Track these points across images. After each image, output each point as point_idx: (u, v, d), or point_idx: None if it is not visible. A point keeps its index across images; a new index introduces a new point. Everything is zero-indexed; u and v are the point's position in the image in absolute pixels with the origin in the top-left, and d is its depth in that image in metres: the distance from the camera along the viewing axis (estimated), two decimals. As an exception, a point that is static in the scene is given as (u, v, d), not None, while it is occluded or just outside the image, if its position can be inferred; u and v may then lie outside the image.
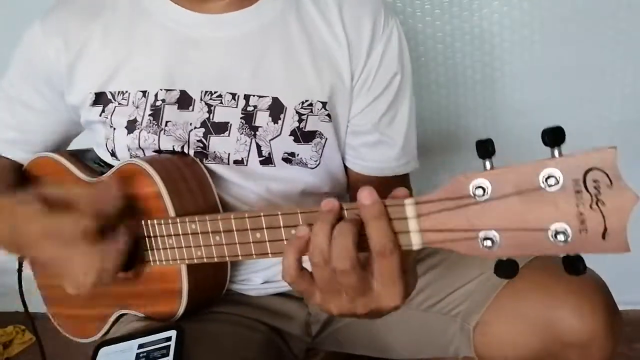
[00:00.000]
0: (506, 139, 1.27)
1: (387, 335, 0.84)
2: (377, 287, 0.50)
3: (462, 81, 1.27)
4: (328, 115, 0.77)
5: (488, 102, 1.29)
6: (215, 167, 0.76)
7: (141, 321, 0.75)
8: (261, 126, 0.76)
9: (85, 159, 0.83)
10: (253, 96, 0.75)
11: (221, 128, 0.76)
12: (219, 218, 0.62)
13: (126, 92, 0.77)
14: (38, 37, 0.80)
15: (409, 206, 0.47)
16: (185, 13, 0.77)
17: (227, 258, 0.63)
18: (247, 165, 0.77)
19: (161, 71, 0.76)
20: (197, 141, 0.76)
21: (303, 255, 0.52)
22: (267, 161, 0.77)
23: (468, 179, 0.44)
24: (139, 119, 0.76)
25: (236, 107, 0.75)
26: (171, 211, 0.68)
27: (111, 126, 0.78)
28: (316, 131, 0.77)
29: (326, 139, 0.78)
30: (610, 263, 0.69)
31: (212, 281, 0.76)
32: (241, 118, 0.75)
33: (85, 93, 0.79)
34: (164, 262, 0.70)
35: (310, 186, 0.80)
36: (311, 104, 0.76)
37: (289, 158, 0.77)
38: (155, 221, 0.69)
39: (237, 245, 0.61)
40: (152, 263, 0.71)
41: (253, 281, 0.83)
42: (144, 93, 0.76)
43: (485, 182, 0.43)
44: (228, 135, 0.76)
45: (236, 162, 0.76)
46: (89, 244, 0.59)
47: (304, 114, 0.76)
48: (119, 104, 0.77)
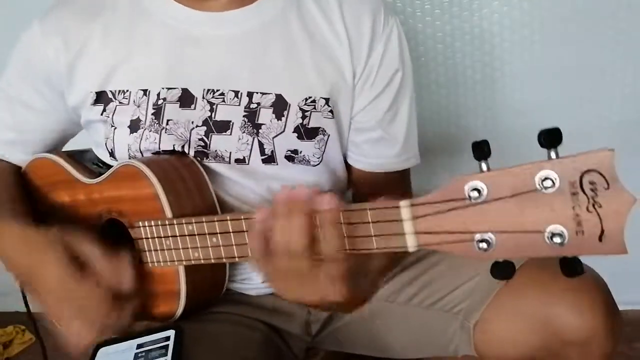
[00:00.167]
0: (506, 139, 1.27)
1: (388, 334, 0.84)
2: (323, 281, 0.53)
3: (462, 81, 1.27)
4: (331, 111, 0.78)
5: (488, 102, 1.28)
6: (215, 166, 0.76)
7: (140, 321, 0.76)
8: (264, 123, 0.75)
9: (83, 160, 0.83)
10: (256, 93, 0.75)
11: (223, 126, 0.75)
12: (216, 219, 0.62)
13: (127, 91, 0.77)
14: (37, 37, 0.79)
15: (404, 208, 0.47)
16: (185, 11, 0.77)
17: (224, 259, 0.63)
18: (249, 164, 0.76)
19: (162, 69, 0.76)
20: (199, 140, 0.76)
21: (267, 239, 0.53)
22: (270, 159, 0.77)
23: (464, 181, 0.44)
24: (142, 118, 0.76)
25: (239, 105, 0.75)
26: (168, 212, 0.68)
27: (112, 125, 0.78)
28: (319, 128, 0.77)
29: (329, 136, 0.78)
30: (608, 263, 0.69)
31: (211, 282, 0.76)
32: (244, 116, 0.75)
33: (85, 92, 0.79)
34: (162, 264, 0.70)
35: (311, 184, 0.80)
36: (314, 101, 0.76)
37: (292, 156, 0.77)
38: (152, 222, 0.69)
39: (234, 246, 0.61)
40: (150, 264, 0.71)
41: (253, 280, 0.83)
42: (145, 92, 0.76)
43: (481, 184, 0.43)
44: (230, 133, 0.76)
45: (237, 161, 0.76)
46: (99, 313, 0.66)
47: (308, 111, 0.76)
48: (120, 103, 0.77)
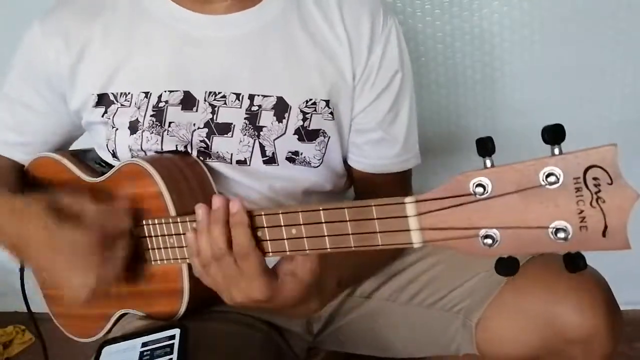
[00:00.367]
0: (506, 139, 1.26)
1: (390, 333, 0.84)
2: (243, 280, 0.58)
3: (462, 81, 1.27)
4: (331, 113, 0.78)
5: (488, 102, 1.29)
6: (217, 166, 0.77)
7: (143, 320, 0.76)
8: (265, 126, 0.76)
9: (86, 159, 0.83)
10: (257, 96, 0.76)
11: (224, 129, 0.76)
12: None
13: (129, 94, 0.77)
14: (37, 38, 0.80)
15: (409, 204, 0.47)
16: (186, 13, 0.77)
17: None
18: (250, 165, 0.77)
19: (164, 72, 0.76)
20: (200, 141, 0.76)
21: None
22: (271, 161, 0.77)
23: (468, 177, 0.44)
24: (141, 120, 0.76)
25: (240, 108, 0.76)
26: (172, 211, 0.68)
27: (113, 127, 0.78)
28: (320, 129, 0.78)
29: (329, 138, 0.79)
30: (610, 262, 0.69)
31: (213, 280, 0.76)
32: (245, 119, 0.76)
33: (87, 95, 0.79)
34: (165, 262, 0.70)
35: (312, 185, 0.81)
36: (315, 103, 0.77)
37: (293, 157, 0.78)
38: (156, 220, 0.69)
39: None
40: (154, 262, 0.71)
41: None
42: (147, 94, 0.76)
43: (485, 180, 0.43)
44: (231, 136, 0.76)
45: (239, 162, 0.77)
46: (91, 255, 0.65)
47: (308, 113, 0.76)
48: (122, 105, 0.77)
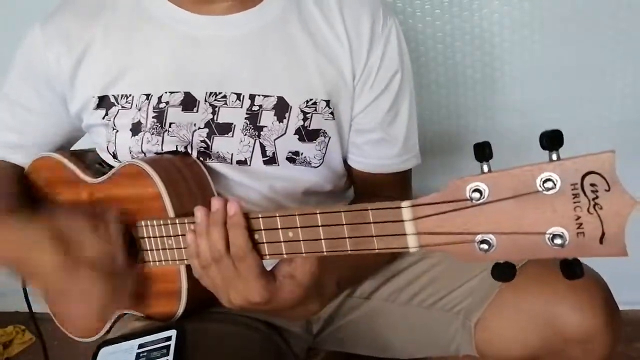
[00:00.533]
0: (506, 139, 1.28)
1: (389, 333, 0.84)
2: (241, 282, 0.58)
3: (462, 81, 1.27)
4: (331, 113, 0.78)
5: (488, 102, 1.28)
6: (217, 166, 0.77)
7: (141, 321, 0.76)
8: (266, 126, 0.76)
9: (87, 159, 0.83)
10: (258, 96, 0.76)
11: (225, 129, 0.76)
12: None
13: (130, 96, 0.77)
14: (38, 40, 0.79)
15: (406, 209, 0.47)
16: (187, 14, 0.77)
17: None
18: (250, 165, 0.77)
19: (164, 73, 0.76)
20: (201, 141, 0.76)
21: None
22: (271, 161, 0.77)
23: (465, 182, 0.44)
24: (143, 121, 0.76)
25: (241, 108, 0.76)
26: (170, 212, 0.68)
27: (114, 129, 0.78)
28: (320, 129, 0.78)
29: (329, 138, 0.79)
30: (609, 263, 0.69)
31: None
32: (245, 118, 0.76)
33: (87, 97, 0.79)
34: (164, 263, 0.70)
35: (313, 185, 0.81)
36: (315, 103, 0.77)
37: (293, 157, 0.78)
38: (154, 222, 0.69)
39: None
40: (152, 264, 0.71)
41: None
42: (148, 96, 0.76)
43: (482, 185, 0.43)
44: (232, 136, 0.76)
45: (239, 162, 0.77)
46: (100, 304, 0.66)
47: (309, 113, 0.77)
48: (123, 107, 0.77)
